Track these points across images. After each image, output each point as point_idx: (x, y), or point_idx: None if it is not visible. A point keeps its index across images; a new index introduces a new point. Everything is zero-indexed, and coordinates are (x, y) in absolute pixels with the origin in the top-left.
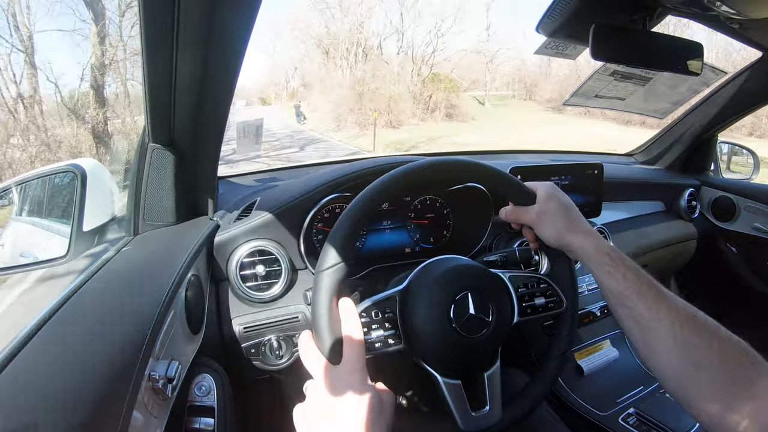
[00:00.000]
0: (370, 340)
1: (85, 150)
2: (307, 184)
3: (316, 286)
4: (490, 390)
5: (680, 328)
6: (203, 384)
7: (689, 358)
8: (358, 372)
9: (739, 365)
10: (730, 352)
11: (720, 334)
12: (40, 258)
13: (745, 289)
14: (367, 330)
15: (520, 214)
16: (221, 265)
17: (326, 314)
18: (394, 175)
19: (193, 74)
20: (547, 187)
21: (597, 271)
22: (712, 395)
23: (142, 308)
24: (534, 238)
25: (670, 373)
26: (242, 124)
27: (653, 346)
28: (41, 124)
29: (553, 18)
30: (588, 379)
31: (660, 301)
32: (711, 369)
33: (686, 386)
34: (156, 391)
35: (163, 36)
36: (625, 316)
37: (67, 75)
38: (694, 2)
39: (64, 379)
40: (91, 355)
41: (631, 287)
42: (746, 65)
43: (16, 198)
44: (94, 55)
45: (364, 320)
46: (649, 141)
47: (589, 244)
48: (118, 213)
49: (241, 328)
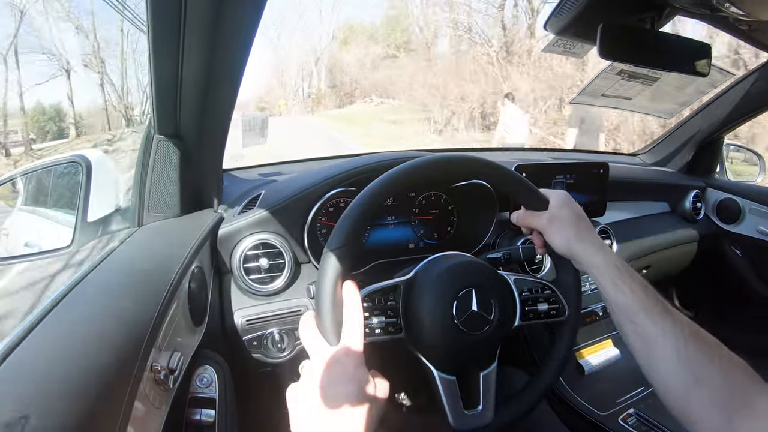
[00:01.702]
0: (370, 326)
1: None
2: (312, 178)
3: (323, 265)
4: (484, 390)
5: (684, 344)
6: (205, 376)
7: (692, 374)
8: (354, 355)
9: (740, 383)
10: (731, 369)
11: (722, 352)
12: (45, 247)
13: (749, 291)
14: (368, 315)
15: (531, 219)
16: (225, 257)
17: (329, 294)
18: (407, 167)
19: (199, 66)
20: (561, 195)
21: (603, 283)
22: (712, 411)
23: (146, 299)
24: (542, 244)
25: (671, 387)
26: (248, 117)
27: (657, 361)
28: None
29: (561, 16)
30: (588, 379)
31: (666, 317)
32: (712, 385)
33: (687, 402)
34: (158, 381)
35: (169, 27)
36: (630, 331)
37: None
38: (703, 3)
39: (66, 369)
40: (94, 345)
41: (637, 302)
42: (754, 67)
43: (21, 188)
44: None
45: (366, 305)
46: (655, 141)
47: (597, 255)
48: (123, 204)
49: (243, 321)
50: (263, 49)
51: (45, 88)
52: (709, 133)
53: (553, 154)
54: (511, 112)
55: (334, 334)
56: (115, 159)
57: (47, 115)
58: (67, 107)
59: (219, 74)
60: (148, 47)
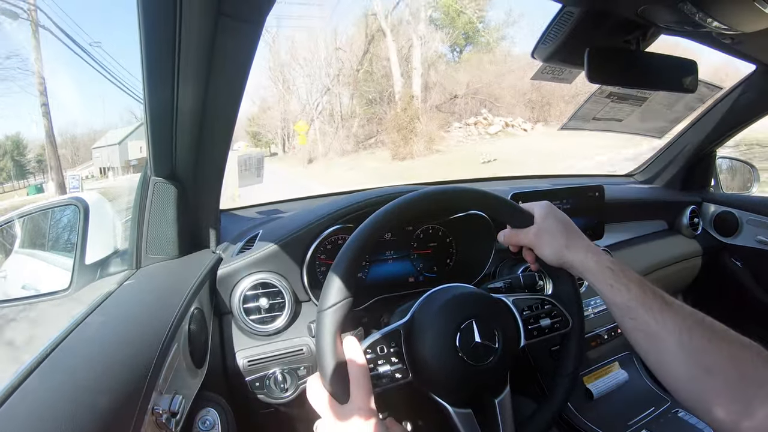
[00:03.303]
0: (377, 376)
1: None
2: (309, 216)
3: (320, 326)
4: (502, 416)
5: (688, 335)
6: (207, 418)
7: (700, 365)
8: (366, 409)
9: (753, 367)
10: (741, 354)
11: (730, 338)
12: (43, 290)
13: (753, 302)
14: (373, 366)
15: (518, 237)
16: (224, 298)
17: (331, 353)
18: (392, 207)
19: (193, 107)
20: (543, 206)
21: (599, 286)
22: (727, 400)
23: (145, 342)
24: (534, 260)
25: (682, 382)
26: (244, 157)
27: (662, 356)
28: None
29: (547, 44)
30: (598, 403)
31: (666, 310)
32: (723, 374)
33: (700, 394)
34: (160, 425)
35: (163, 69)
36: (631, 328)
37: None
38: (686, 20)
39: (65, 413)
40: (94, 389)
41: (635, 299)
42: (740, 79)
43: (18, 230)
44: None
45: (369, 356)
46: (648, 161)
47: (589, 259)
48: (121, 246)
49: (245, 362)
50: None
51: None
52: (701, 147)
53: (547, 180)
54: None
55: (342, 391)
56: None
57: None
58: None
59: (214, 115)
60: (143, 89)
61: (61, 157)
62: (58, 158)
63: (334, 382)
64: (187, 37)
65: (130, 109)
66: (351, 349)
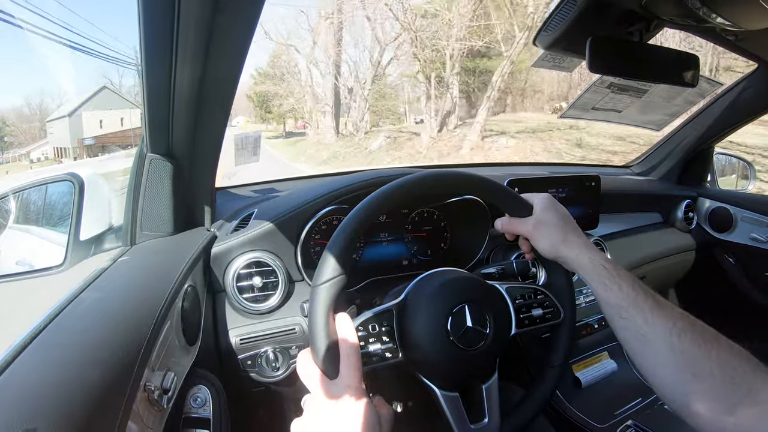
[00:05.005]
0: (367, 354)
1: None
2: (305, 196)
3: (313, 301)
4: (488, 402)
5: (678, 338)
6: (199, 395)
7: (688, 369)
8: (354, 386)
9: (740, 373)
10: (729, 360)
11: (719, 343)
12: (37, 266)
13: (744, 299)
14: (364, 344)
15: (516, 226)
16: (218, 276)
17: (323, 329)
18: (389, 188)
19: (191, 84)
20: (544, 198)
21: (593, 284)
22: (713, 405)
23: (138, 318)
24: (530, 249)
25: (668, 384)
26: (240, 136)
27: (651, 357)
28: None
29: (549, 31)
30: (586, 391)
31: (657, 312)
32: (711, 378)
33: (686, 397)
34: (151, 402)
35: (162, 46)
36: (621, 327)
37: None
38: (690, 14)
39: (58, 388)
40: (87, 365)
41: (627, 298)
42: (742, 76)
43: (13, 206)
44: None
45: (361, 334)
46: (646, 152)
47: (584, 256)
48: (115, 222)
49: (237, 340)
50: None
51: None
52: (699, 142)
53: (544, 168)
54: None
55: (333, 367)
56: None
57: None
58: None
59: (211, 92)
60: (141, 65)
61: (26, 132)
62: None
63: (324, 358)
64: (186, 13)
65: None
66: (343, 325)
